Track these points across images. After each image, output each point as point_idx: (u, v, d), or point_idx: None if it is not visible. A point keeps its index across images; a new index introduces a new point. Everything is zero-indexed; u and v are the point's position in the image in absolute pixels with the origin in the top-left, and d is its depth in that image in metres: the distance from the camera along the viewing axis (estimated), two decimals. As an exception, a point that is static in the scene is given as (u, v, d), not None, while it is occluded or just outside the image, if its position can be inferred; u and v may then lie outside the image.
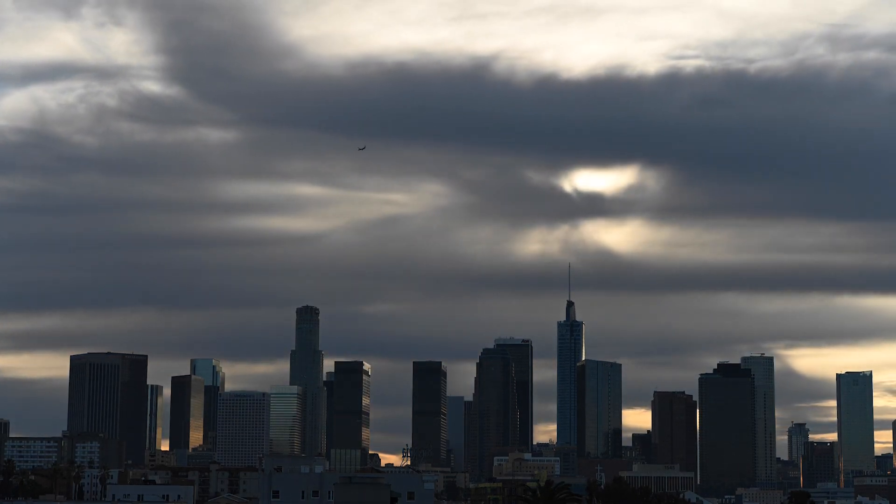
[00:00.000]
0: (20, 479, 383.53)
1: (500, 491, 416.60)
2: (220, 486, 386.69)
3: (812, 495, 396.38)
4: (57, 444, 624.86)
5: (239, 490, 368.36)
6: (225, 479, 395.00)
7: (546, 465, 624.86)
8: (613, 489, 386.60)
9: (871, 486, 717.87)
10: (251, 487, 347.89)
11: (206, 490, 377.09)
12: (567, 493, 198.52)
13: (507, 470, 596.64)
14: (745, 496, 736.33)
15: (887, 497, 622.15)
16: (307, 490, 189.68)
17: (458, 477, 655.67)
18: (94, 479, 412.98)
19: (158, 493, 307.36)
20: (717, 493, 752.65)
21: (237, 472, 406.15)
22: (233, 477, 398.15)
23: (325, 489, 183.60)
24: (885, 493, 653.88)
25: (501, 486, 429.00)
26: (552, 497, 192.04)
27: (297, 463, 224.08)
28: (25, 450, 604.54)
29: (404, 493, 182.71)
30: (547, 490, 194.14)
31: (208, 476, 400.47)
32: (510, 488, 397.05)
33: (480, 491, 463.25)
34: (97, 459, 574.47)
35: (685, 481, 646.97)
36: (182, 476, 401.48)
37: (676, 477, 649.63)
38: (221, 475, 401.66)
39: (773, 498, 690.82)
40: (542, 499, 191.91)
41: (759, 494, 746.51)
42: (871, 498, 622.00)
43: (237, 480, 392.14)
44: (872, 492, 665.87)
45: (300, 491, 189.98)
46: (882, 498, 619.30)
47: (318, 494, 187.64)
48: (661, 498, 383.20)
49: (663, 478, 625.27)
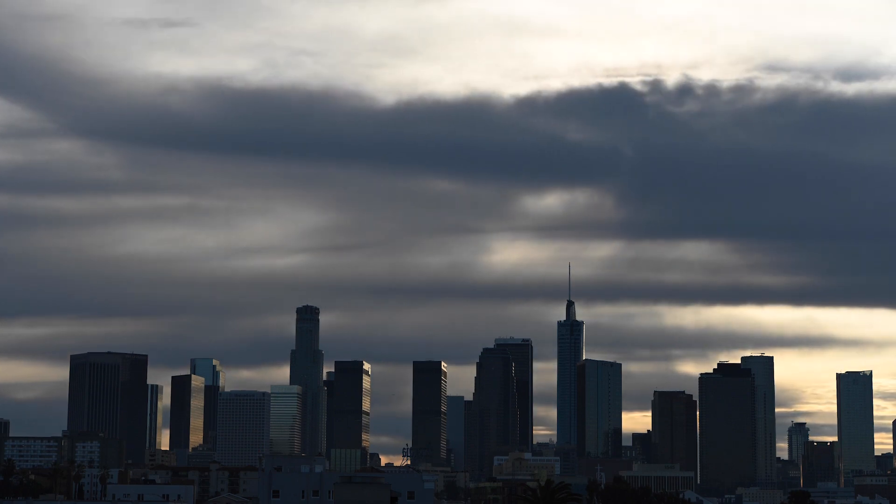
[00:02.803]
0: (20, 479, 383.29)
1: (500, 491, 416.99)
2: (220, 485, 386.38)
3: (812, 495, 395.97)
4: (57, 443, 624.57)
5: (239, 490, 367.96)
6: (225, 479, 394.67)
7: (546, 465, 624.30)
8: (613, 489, 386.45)
9: (871, 486, 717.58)
10: (251, 487, 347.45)
11: (206, 490, 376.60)
12: (567, 493, 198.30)
13: (507, 470, 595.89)
14: (745, 496, 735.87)
15: (887, 497, 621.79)
16: (307, 490, 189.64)
17: (458, 477, 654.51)
18: (94, 479, 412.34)
19: (158, 492, 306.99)
20: (717, 493, 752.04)
21: (237, 472, 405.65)
22: (233, 477, 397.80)
23: (325, 489, 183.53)
24: (885, 493, 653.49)
25: (501, 485, 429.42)
26: (552, 497, 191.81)
27: (297, 463, 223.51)
28: (25, 449, 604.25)
29: (404, 493, 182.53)
30: (547, 490, 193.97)
31: (208, 476, 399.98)
32: (510, 488, 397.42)
33: (480, 491, 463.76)
34: (97, 459, 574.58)
35: (685, 481, 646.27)
36: (182, 476, 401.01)
37: (676, 477, 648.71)
38: (221, 475, 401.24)
39: (773, 498, 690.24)
40: (542, 499, 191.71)
41: (759, 494, 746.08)
42: (871, 498, 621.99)
43: (237, 480, 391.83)
44: (872, 492, 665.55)
45: (300, 491, 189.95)
46: (882, 498, 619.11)
47: (318, 494, 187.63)
48: (661, 498, 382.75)
49: (663, 478, 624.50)
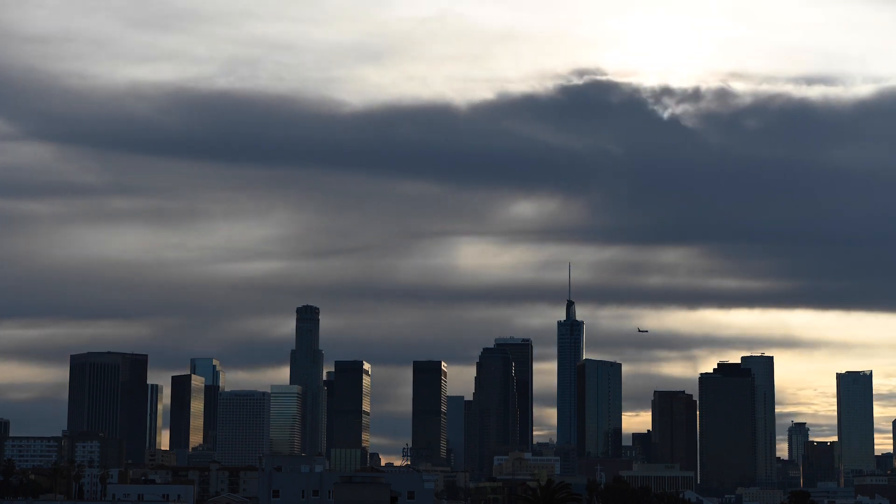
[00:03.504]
0: (20, 479, 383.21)
1: (500, 491, 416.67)
2: (220, 485, 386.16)
3: (812, 495, 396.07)
4: (57, 443, 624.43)
5: (239, 490, 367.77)
6: (225, 479, 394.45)
7: (546, 464, 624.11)
8: (613, 489, 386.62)
9: (871, 486, 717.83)
10: (251, 487, 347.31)
11: (206, 490, 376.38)
12: (567, 493, 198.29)
13: (507, 470, 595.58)
14: (745, 496, 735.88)
15: (887, 497, 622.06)
16: (307, 490, 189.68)
17: (458, 477, 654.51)
18: (94, 479, 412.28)
19: (158, 492, 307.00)
20: (717, 493, 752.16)
21: (237, 472, 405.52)
22: (233, 477, 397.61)
23: (325, 489, 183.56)
24: (885, 493, 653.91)
25: (501, 485, 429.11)
26: (552, 497, 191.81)
27: (297, 463, 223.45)
28: (25, 449, 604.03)
29: (404, 493, 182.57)
30: (547, 490, 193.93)
31: (208, 476, 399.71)
32: (510, 488, 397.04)
33: (480, 491, 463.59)
34: (97, 459, 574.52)
35: (685, 481, 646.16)
36: (182, 476, 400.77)
37: (676, 477, 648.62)
38: (221, 475, 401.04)
39: (773, 498, 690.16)
40: (542, 499, 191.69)
41: (759, 494, 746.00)
42: (871, 498, 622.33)
43: (237, 480, 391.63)
44: (872, 492, 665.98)
45: (300, 491, 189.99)
46: (882, 498, 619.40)
47: (318, 494, 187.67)
48: (661, 498, 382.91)
49: (663, 478, 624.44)
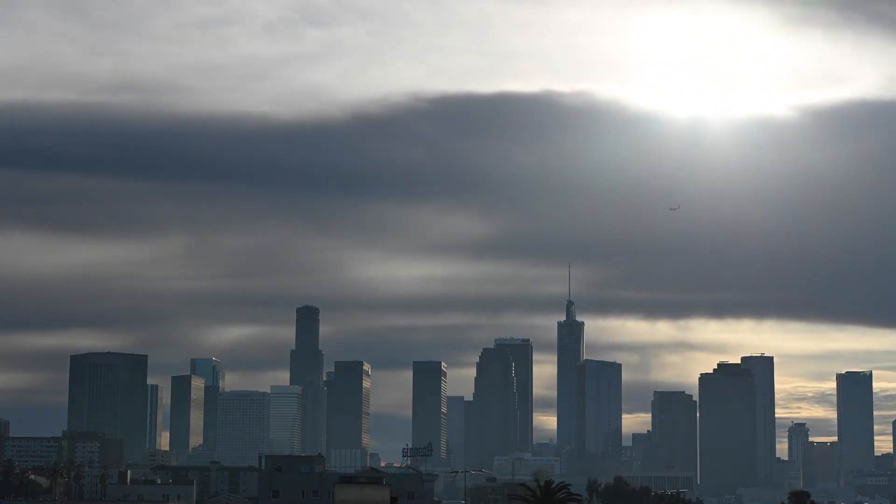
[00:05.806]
0: (20, 479, 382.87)
1: (500, 491, 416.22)
2: (220, 485, 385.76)
3: (812, 495, 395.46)
4: (57, 443, 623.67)
5: (239, 490, 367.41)
6: (225, 479, 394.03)
7: (546, 465, 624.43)
8: (613, 489, 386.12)
9: (871, 486, 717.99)
10: (251, 487, 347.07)
11: (206, 490, 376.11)
12: (567, 493, 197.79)
13: (507, 470, 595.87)
14: (745, 496, 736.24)
15: (887, 497, 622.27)
16: (307, 490, 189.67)
17: (457, 477, 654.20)
18: (94, 480, 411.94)
19: (158, 493, 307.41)
20: (717, 493, 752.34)
21: (237, 472, 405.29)
22: (233, 477, 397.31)
23: (325, 489, 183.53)
24: (885, 493, 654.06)
25: (501, 486, 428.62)
26: (552, 497, 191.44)
27: (297, 463, 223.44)
28: (25, 449, 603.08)
29: (404, 493, 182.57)
30: (547, 490, 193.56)
31: (208, 476, 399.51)
32: (510, 488, 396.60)
33: (480, 491, 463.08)
34: (97, 459, 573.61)
35: (685, 481, 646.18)
36: (182, 476, 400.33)
37: (676, 477, 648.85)
38: (221, 475, 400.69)
39: (773, 498, 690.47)
40: (542, 499, 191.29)
41: (759, 494, 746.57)
42: (871, 498, 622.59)
43: (237, 480, 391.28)
44: (872, 492, 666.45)
45: (300, 491, 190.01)
46: (882, 498, 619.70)
47: (318, 494, 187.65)
48: (661, 498, 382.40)
49: (663, 478, 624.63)
